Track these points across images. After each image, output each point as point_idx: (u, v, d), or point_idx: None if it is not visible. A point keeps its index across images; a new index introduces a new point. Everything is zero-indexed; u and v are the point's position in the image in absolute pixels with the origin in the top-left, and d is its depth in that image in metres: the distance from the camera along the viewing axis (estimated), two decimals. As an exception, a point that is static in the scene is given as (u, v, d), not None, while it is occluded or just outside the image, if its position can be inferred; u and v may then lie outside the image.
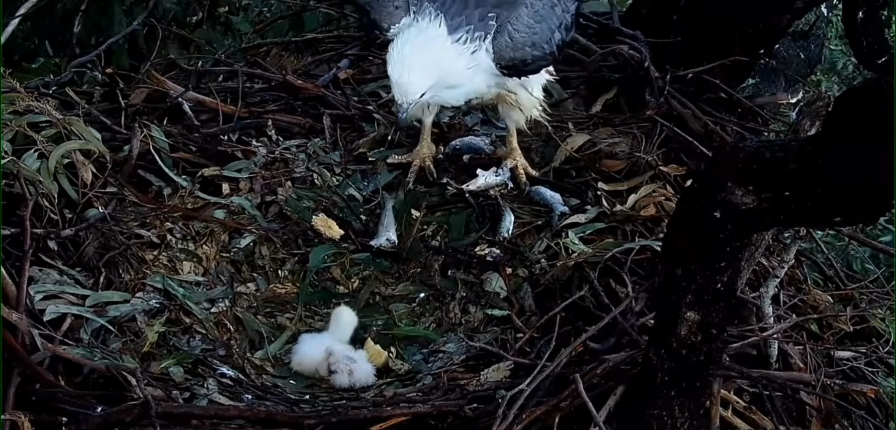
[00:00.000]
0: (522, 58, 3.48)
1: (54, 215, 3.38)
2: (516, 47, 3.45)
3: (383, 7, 3.45)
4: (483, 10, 3.43)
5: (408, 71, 3.32)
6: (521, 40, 3.46)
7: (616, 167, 3.89)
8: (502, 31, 3.43)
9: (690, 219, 2.52)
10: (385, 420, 2.83)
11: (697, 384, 2.69)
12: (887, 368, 3.25)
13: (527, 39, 3.47)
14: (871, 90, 2.19)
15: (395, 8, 3.45)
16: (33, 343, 2.86)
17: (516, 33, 3.45)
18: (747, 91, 4.94)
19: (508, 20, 3.44)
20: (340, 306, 3.40)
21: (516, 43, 3.45)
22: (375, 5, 3.47)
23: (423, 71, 3.34)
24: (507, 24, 3.44)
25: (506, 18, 3.44)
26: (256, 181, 3.79)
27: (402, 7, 3.45)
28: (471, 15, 3.41)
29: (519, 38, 3.46)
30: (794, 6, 4.51)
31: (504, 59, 3.44)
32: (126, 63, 5.03)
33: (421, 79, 3.35)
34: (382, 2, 3.46)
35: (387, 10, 3.45)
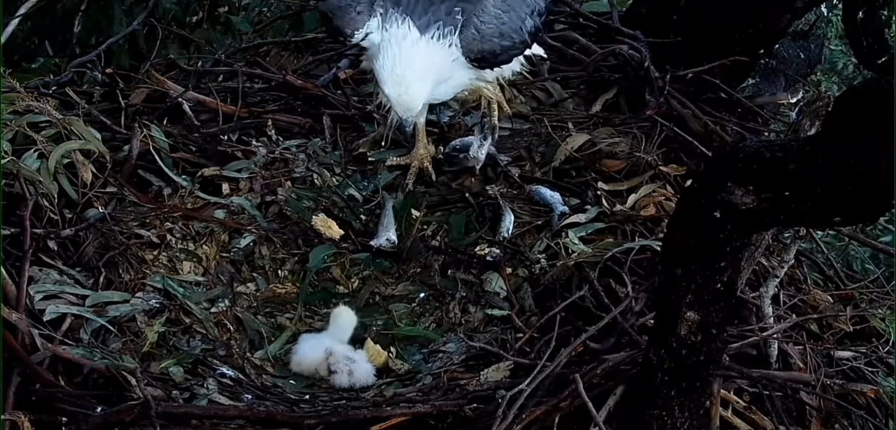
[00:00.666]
0: (491, 49, 3.46)
1: (54, 214, 3.38)
2: (484, 39, 3.44)
3: (346, 13, 3.45)
4: (448, 4, 3.41)
5: (405, 88, 3.33)
6: (489, 32, 3.44)
7: (616, 167, 3.89)
8: (469, 24, 3.41)
9: (690, 219, 2.52)
10: (385, 420, 2.83)
11: (697, 384, 2.69)
12: (887, 368, 3.25)
13: (494, 30, 3.45)
14: (871, 90, 2.19)
15: (357, 13, 3.45)
16: (33, 343, 2.86)
17: (483, 25, 3.44)
18: (747, 91, 4.94)
19: (474, 12, 3.42)
20: (340, 306, 3.40)
21: (484, 35, 3.43)
22: (338, 13, 3.46)
23: (418, 82, 3.35)
24: (473, 17, 3.42)
25: (471, 11, 3.42)
26: (256, 181, 3.79)
27: (364, 11, 3.45)
28: (437, 11, 3.40)
29: (486, 30, 3.44)
30: (794, 6, 4.51)
31: (472, 53, 3.43)
32: (126, 63, 5.03)
33: (419, 90, 3.36)
34: (344, 9, 3.46)
35: (349, 16, 3.45)
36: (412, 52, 3.33)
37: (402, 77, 3.32)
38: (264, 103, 4.20)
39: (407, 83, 3.33)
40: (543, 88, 4.38)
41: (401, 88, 3.33)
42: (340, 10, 3.46)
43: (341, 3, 3.46)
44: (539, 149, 4.01)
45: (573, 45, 4.56)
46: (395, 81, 3.33)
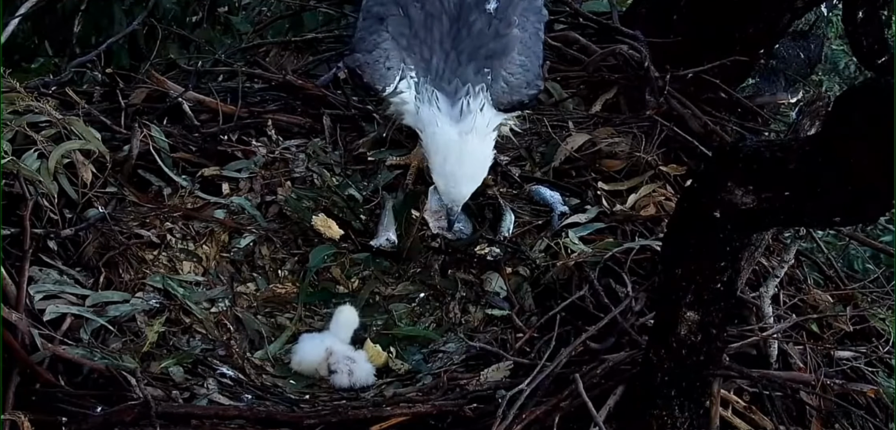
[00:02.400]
0: (520, 100, 3.48)
1: (54, 214, 3.38)
2: (513, 91, 3.44)
3: (376, 70, 3.41)
4: (476, 64, 3.41)
5: (457, 187, 3.41)
6: (517, 83, 3.45)
7: (616, 167, 3.89)
8: (497, 78, 3.41)
9: (690, 219, 2.52)
10: (385, 420, 2.83)
11: (697, 384, 2.69)
12: (887, 368, 3.25)
13: (522, 81, 3.46)
14: (871, 90, 2.19)
15: (387, 69, 3.41)
16: (33, 343, 2.86)
17: (512, 78, 3.44)
18: (747, 91, 4.94)
19: (502, 66, 3.43)
20: (342, 305, 3.40)
21: (513, 87, 3.44)
22: (368, 69, 3.41)
23: (470, 181, 3.42)
24: (501, 71, 3.42)
25: (498, 66, 3.42)
26: (256, 181, 3.79)
27: (393, 66, 3.41)
28: (465, 73, 3.40)
29: (515, 82, 3.44)
30: (794, 6, 4.51)
31: (502, 105, 3.43)
32: (126, 63, 5.03)
33: (469, 188, 3.43)
34: (373, 65, 3.41)
35: (379, 71, 3.40)
36: (462, 151, 3.35)
37: (452, 176, 3.38)
38: (264, 103, 4.20)
39: (459, 183, 3.40)
40: (544, 89, 4.37)
41: (453, 186, 3.41)
42: (369, 66, 3.41)
43: (369, 58, 3.42)
44: (539, 149, 4.01)
45: (573, 45, 4.56)
46: (446, 178, 3.39)
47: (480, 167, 3.43)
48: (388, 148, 3.96)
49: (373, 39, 3.44)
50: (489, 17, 3.48)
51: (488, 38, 3.44)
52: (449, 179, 3.39)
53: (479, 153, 3.41)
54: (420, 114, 3.39)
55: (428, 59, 3.43)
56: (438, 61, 3.43)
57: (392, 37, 3.43)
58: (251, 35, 5.25)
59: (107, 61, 4.80)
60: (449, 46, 3.44)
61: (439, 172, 3.39)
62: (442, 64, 3.42)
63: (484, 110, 3.39)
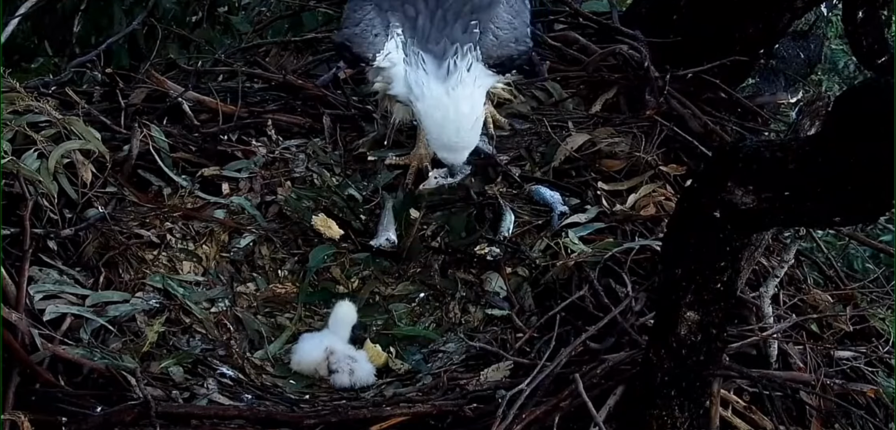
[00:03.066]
0: (509, 54, 3.49)
1: (54, 214, 3.38)
2: (502, 45, 3.47)
3: (364, 39, 3.44)
4: (463, 21, 3.44)
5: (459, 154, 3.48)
6: (505, 37, 3.48)
7: (616, 167, 3.89)
8: (486, 31, 3.44)
9: (690, 219, 2.52)
10: (385, 420, 2.83)
11: (697, 384, 2.69)
12: (887, 368, 3.25)
13: (510, 36, 3.49)
14: (871, 90, 2.19)
15: (375, 36, 3.43)
16: (33, 343, 2.86)
17: (500, 32, 3.47)
18: (747, 91, 4.94)
19: (490, 20, 3.46)
20: (340, 301, 3.40)
21: (502, 41, 3.46)
22: (356, 40, 3.44)
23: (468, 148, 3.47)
24: (489, 24, 3.45)
25: (487, 19, 3.45)
26: (256, 181, 3.79)
27: (381, 33, 3.44)
28: (452, 32, 3.42)
29: (504, 37, 3.47)
30: (794, 6, 4.51)
31: (491, 58, 3.45)
32: (126, 63, 5.03)
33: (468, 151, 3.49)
34: (361, 34, 3.44)
35: (368, 40, 3.43)
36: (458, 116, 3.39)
37: (452, 145, 3.44)
38: (264, 103, 4.20)
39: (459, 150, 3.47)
40: (543, 88, 4.37)
41: (454, 154, 3.48)
42: (357, 37, 3.44)
43: (356, 29, 3.45)
44: (539, 149, 4.01)
45: (573, 45, 4.56)
46: (445, 147, 3.45)
47: (475, 127, 3.46)
48: (388, 147, 3.96)
49: (358, 14, 3.48)
50: None
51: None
52: (448, 149, 3.46)
53: (471, 112, 3.43)
54: (408, 78, 3.41)
55: (413, 17, 3.45)
56: (424, 21, 3.45)
57: (375, 2, 3.46)
58: (251, 35, 5.25)
59: (107, 61, 4.80)
60: (434, 4, 3.46)
61: (436, 143, 3.46)
62: (428, 23, 3.44)
63: (471, 69, 3.41)
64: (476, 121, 3.45)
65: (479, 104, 3.46)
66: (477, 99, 3.44)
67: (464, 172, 3.71)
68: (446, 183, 3.71)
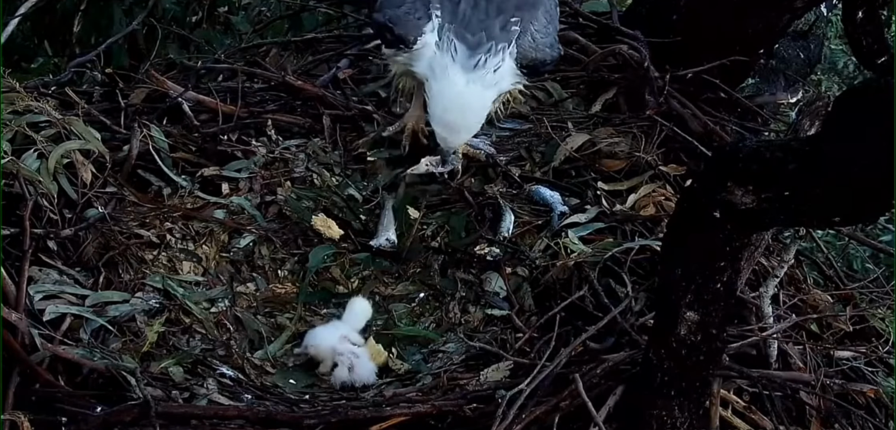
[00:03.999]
0: (542, 58, 3.50)
1: (54, 214, 3.37)
2: (538, 48, 3.47)
3: (407, 22, 3.42)
4: (504, 17, 3.42)
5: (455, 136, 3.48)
6: (542, 41, 3.48)
7: (616, 167, 3.89)
8: (526, 32, 3.44)
9: (690, 219, 2.52)
10: (385, 420, 2.83)
11: (697, 384, 2.69)
12: (887, 368, 3.25)
13: (546, 40, 3.49)
14: (871, 90, 2.19)
15: (417, 19, 3.42)
16: (33, 343, 2.86)
17: (538, 34, 3.47)
18: (747, 91, 4.94)
19: (530, 21, 3.45)
20: (356, 298, 3.42)
21: (538, 44, 3.47)
22: (399, 23, 3.43)
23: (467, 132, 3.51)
24: (530, 25, 3.45)
25: (528, 19, 3.45)
26: (256, 181, 3.79)
27: (422, 16, 3.43)
28: (491, 27, 3.40)
29: (540, 40, 3.47)
30: (794, 6, 4.50)
31: (526, 60, 3.45)
32: (126, 63, 5.03)
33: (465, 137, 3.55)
34: (405, 18, 3.43)
35: (411, 23, 3.42)
36: (466, 102, 3.39)
37: (453, 125, 3.44)
38: (264, 103, 4.20)
39: (459, 131, 3.47)
40: (543, 88, 4.37)
41: (451, 135, 3.47)
42: (401, 18, 3.43)
43: (399, 12, 3.44)
44: (539, 149, 4.01)
45: (573, 45, 4.56)
46: (445, 126, 3.44)
47: (479, 118, 3.47)
48: (387, 147, 3.95)
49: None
50: None
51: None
52: (448, 129, 3.45)
53: (480, 105, 3.44)
54: (434, 59, 3.41)
55: (456, 2, 3.44)
56: (466, 6, 3.43)
57: None
58: (251, 35, 5.25)
59: (106, 61, 4.80)
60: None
61: (439, 120, 3.44)
62: (469, 10, 3.43)
63: (498, 70, 3.40)
64: (482, 112, 3.45)
65: (489, 101, 3.45)
66: (489, 97, 3.44)
67: (454, 164, 3.71)
68: (437, 172, 3.69)
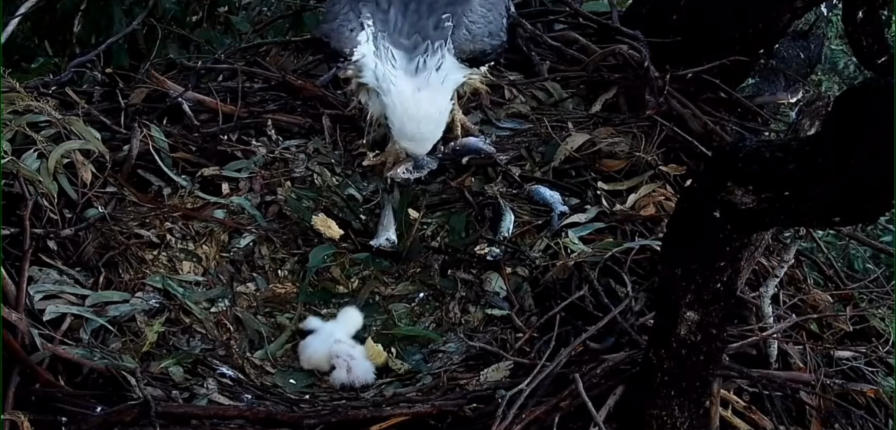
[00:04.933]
0: (482, 49, 3.51)
1: (54, 214, 3.38)
2: (475, 39, 3.48)
3: (342, 34, 3.45)
4: (436, 16, 3.45)
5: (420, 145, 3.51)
6: (479, 31, 3.49)
7: (616, 167, 3.89)
8: (459, 25, 3.45)
9: (690, 219, 2.52)
10: (385, 420, 2.83)
11: (697, 384, 2.69)
12: (887, 368, 3.25)
13: (484, 30, 3.50)
14: (871, 90, 2.19)
15: (350, 31, 3.45)
16: (33, 343, 2.86)
17: (473, 25, 3.48)
18: (747, 91, 4.94)
19: (463, 13, 3.47)
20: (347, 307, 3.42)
21: (474, 35, 3.48)
22: (334, 35, 3.46)
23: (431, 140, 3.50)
24: (463, 18, 3.46)
25: (460, 12, 3.47)
26: (256, 181, 3.79)
27: (356, 28, 3.45)
28: (425, 26, 3.43)
29: (477, 31, 3.48)
30: (794, 6, 4.50)
31: (464, 53, 3.46)
32: (126, 63, 5.03)
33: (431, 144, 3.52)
34: (340, 30, 3.46)
35: (344, 36, 3.45)
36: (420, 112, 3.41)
37: (414, 137, 3.47)
38: (264, 103, 4.20)
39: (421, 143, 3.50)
40: (543, 88, 4.38)
41: (415, 146, 3.51)
42: (335, 32, 3.46)
43: (334, 25, 3.47)
44: (539, 149, 4.01)
45: (573, 45, 4.56)
46: (407, 139, 3.48)
47: (437, 123, 3.49)
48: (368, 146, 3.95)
49: (336, 8, 3.50)
50: None
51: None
52: (409, 141, 3.49)
53: (435, 110, 3.45)
54: (377, 70, 3.42)
55: (385, 9, 3.47)
56: (396, 13, 3.46)
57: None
58: (251, 35, 5.25)
59: (107, 61, 4.80)
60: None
61: (399, 134, 3.47)
62: (400, 16, 3.46)
63: (441, 68, 3.42)
64: (440, 116, 3.47)
65: (445, 102, 3.47)
66: (443, 97, 3.45)
67: (430, 166, 3.70)
68: (411, 177, 3.69)
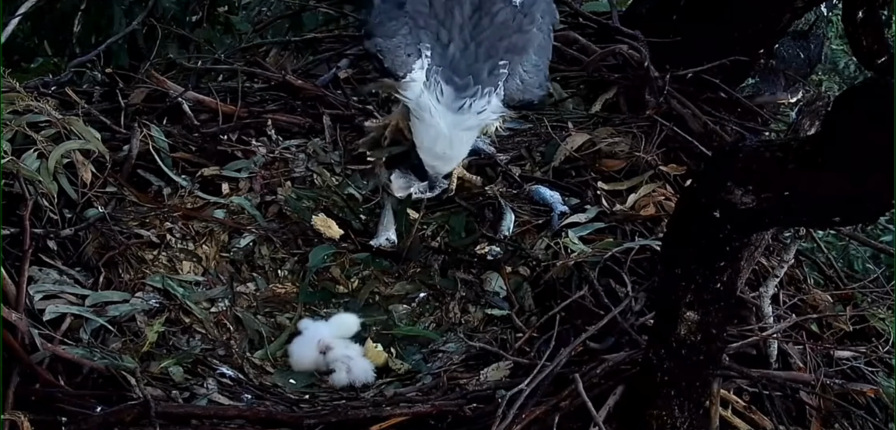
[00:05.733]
0: (530, 99, 3.51)
1: (54, 214, 3.38)
2: (526, 90, 3.47)
3: (397, 56, 3.42)
4: (493, 61, 3.42)
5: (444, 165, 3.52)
6: (531, 82, 3.48)
7: (616, 167, 3.89)
8: (514, 74, 3.44)
9: (690, 219, 2.52)
10: (385, 420, 2.83)
11: (697, 384, 2.69)
12: (887, 368, 3.25)
13: (535, 80, 3.49)
14: (871, 90, 2.19)
15: (408, 56, 3.41)
16: (33, 343, 2.86)
17: (527, 76, 3.47)
18: (747, 91, 4.94)
19: (519, 63, 3.45)
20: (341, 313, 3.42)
21: (526, 86, 3.47)
22: (389, 55, 3.42)
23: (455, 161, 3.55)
24: (518, 68, 3.45)
25: (517, 61, 3.45)
26: (256, 181, 3.79)
27: (413, 53, 3.42)
28: (479, 71, 3.41)
29: (529, 81, 3.47)
30: (794, 6, 4.50)
31: (513, 102, 3.47)
32: (126, 63, 5.03)
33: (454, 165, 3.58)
34: (396, 52, 3.42)
35: (400, 59, 3.41)
36: (454, 136, 3.42)
37: (442, 156, 3.47)
38: (264, 103, 4.20)
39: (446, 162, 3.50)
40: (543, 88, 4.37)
41: (440, 164, 3.50)
42: (390, 52, 3.42)
43: (390, 45, 3.43)
44: (539, 149, 4.01)
45: (573, 45, 4.56)
46: (434, 156, 3.47)
47: (463, 151, 3.53)
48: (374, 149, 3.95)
49: (393, 25, 3.45)
50: (514, 9, 3.50)
51: (511, 31, 3.46)
52: (436, 159, 3.48)
53: (465, 142, 3.49)
54: (421, 99, 3.41)
55: (445, 43, 3.44)
56: (455, 49, 3.44)
57: (410, 16, 3.44)
58: (251, 35, 5.25)
59: (106, 61, 4.80)
60: (469, 36, 3.45)
61: (427, 151, 3.46)
62: (458, 54, 3.43)
63: (482, 114, 3.41)
64: (463, 148, 3.51)
65: (473, 136, 3.51)
66: (471, 135, 3.50)
67: (442, 185, 3.73)
68: (425, 196, 3.72)
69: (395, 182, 3.76)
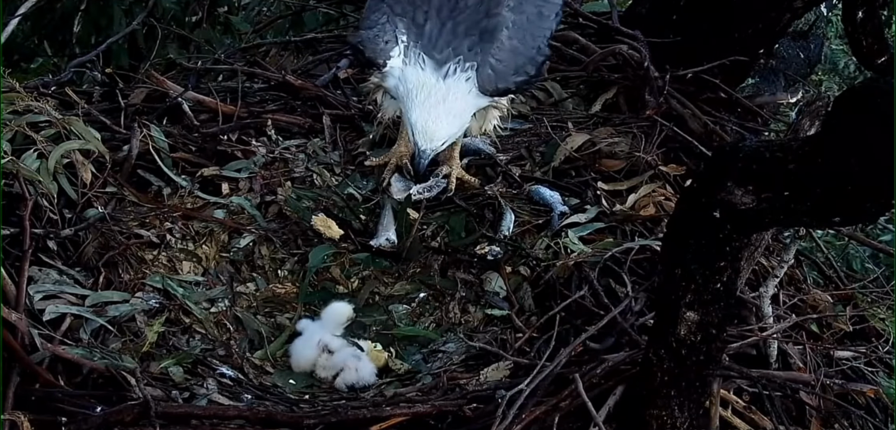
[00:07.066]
0: (506, 87, 3.49)
1: (54, 214, 3.38)
2: (500, 78, 3.45)
3: (376, 45, 3.45)
4: (471, 40, 3.43)
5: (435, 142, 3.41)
6: (504, 70, 3.45)
7: (616, 167, 3.89)
8: (484, 64, 3.42)
9: (690, 219, 2.52)
10: (385, 420, 2.83)
11: (697, 384, 2.69)
12: (887, 368, 3.25)
13: (509, 67, 3.46)
14: (871, 90, 2.19)
15: (385, 43, 3.45)
16: (33, 343, 2.86)
17: (499, 65, 3.44)
18: (747, 91, 4.95)
19: (490, 51, 3.43)
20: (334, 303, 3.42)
21: (498, 74, 3.44)
22: (368, 45, 3.46)
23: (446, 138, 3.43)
24: (488, 58, 3.42)
25: (488, 49, 3.42)
26: (256, 181, 3.79)
27: (392, 40, 3.45)
28: (459, 45, 3.41)
29: (501, 69, 3.45)
30: (794, 6, 4.51)
31: (487, 91, 3.45)
32: (126, 63, 5.04)
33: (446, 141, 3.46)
34: (375, 40, 3.45)
35: (379, 47, 3.45)
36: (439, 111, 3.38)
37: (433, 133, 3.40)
38: (264, 103, 4.20)
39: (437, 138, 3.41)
40: (543, 88, 4.38)
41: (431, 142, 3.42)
42: (370, 41, 3.46)
43: (369, 34, 3.47)
44: (539, 149, 4.01)
45: (573, 45, 4.56)
46: (424, 135, 3.40)
47: (458, 115, 3.43)
48: (374, 149, 3.95)
49: (374, 17, 3.49)
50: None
51: (480, 16, 3.45)
52: (428, 116, 3.39)
53: (458, 103, 3.41)
54: (404, 73, 3.41)
55: (421, 24, 3.46)
56: (432, 28, 3.45)
57: (387, 4, 3.47)
58: (251, 35, 5.25)
59: (106, 61, 4.81)
60: (446, 15, 3.46)
61: (412, 122, 3.39)
62: (436, 31, 3.44)
63: (469, 79, 3.39)
64: (456, 117, 3.42)
65: (467, 109, 3.44)
66: (467, 105, 3.43)
67: (440, 186, 3.73)
68: (423, 197, 3.72)
69: (394, 185, 3.77)
